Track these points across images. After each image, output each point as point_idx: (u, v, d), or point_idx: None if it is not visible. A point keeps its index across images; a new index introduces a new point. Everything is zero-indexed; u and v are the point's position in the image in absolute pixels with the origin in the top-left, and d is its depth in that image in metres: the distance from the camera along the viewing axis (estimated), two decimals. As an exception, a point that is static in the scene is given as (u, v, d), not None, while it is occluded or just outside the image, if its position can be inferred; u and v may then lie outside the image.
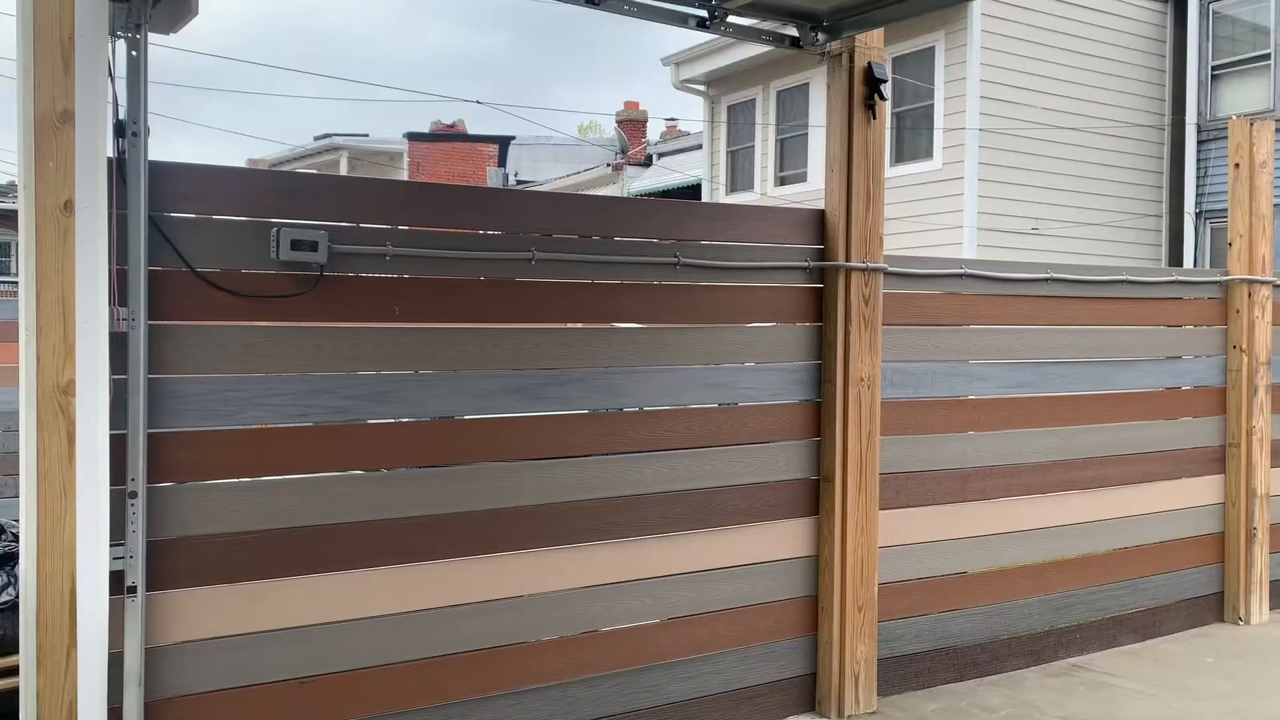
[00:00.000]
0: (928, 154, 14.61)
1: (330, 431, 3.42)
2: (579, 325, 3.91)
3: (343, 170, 29.48)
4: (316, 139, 31.17)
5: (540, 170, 30.30)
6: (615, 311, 3.97)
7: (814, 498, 4.34)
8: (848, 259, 4.31)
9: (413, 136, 30.67)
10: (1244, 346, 5.71)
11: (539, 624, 3.75)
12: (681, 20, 4.09)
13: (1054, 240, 14.65)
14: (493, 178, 28.76)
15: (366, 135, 31.23)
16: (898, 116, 15.05)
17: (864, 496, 4.32)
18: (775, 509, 4.26)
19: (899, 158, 15.10)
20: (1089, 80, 15.10)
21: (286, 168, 29.07)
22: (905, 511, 4.60)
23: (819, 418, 4.35)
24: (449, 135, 30.68)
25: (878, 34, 4.36)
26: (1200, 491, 5.66)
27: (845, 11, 4.17)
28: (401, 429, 3.56)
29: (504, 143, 31.04)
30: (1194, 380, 5.71)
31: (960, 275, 4.82)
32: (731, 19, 4.15)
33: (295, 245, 3.25)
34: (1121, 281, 5.40)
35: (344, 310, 3.43)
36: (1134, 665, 5.02)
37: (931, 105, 14.52)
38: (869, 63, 4.32)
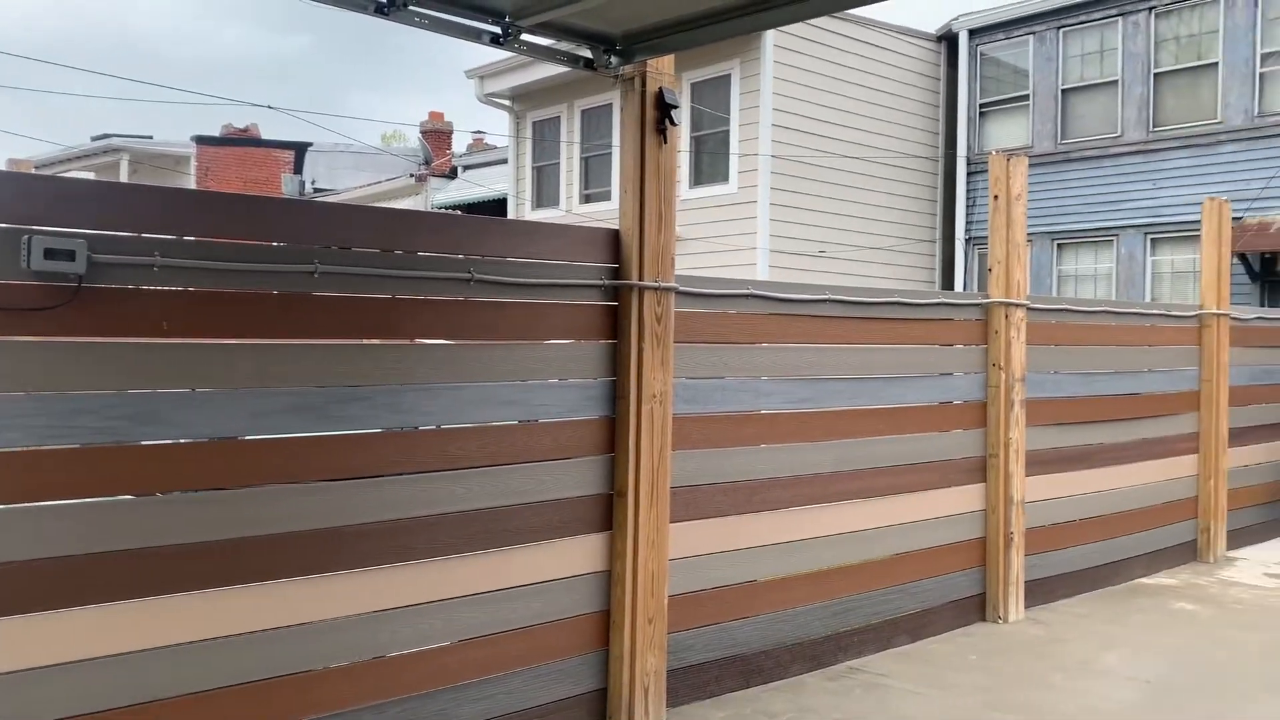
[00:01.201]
0: (724, 177, 15.12)
1: (96, 454, 3.19)
2: (370, 341, 3.81)
3: (123, 174, 27.61)
4: (94, 139, 29.08)
5: (340, 179, 29.38)
6: (409, 327, 3.90)
7: (608, 513, 4.39)
8: (641, 278, 4.40)
9: (201, 140, 29.10)
10: (1002, 364, 6.19)
11: (324, 651, 3.62)
12: (475, 36, 4.07)
13: (840, 263, 15.47)
14: (288, 185, 27.65)
15: (150, 137, 29.41)
16: (698, 140, 15.52)
17: (656, 510, 4.40)
18: (570, 525, 4.28)
19: (698, 180, 15.56)
20: (872, 113, 16.06)
21: (57, 170, 26.92)
22: (695, 524, 4.72)
23: (613, 433, 4.41)
24: (240, 140, 29.29)
25: (669, 60, 4.48)
26: (965, 499, 6.09)
27: (637, 37, 4.26)
28: (177, 450, 3.36)
29: (300, 149, 29.91)
30: (960, 395, 6.14)
31: (747, 295, 5.01)
32: (526, 37, 4.16)
33: (49, 254, 3.02)
34: (893, 303, 5.75)
35: (107, 324, 3.21)
36: (906, 665, 5.34)
37: (728, 130, 15.05)
38: (660, 88, 4.42)
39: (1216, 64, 13.65)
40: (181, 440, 3.36)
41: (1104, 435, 7.11)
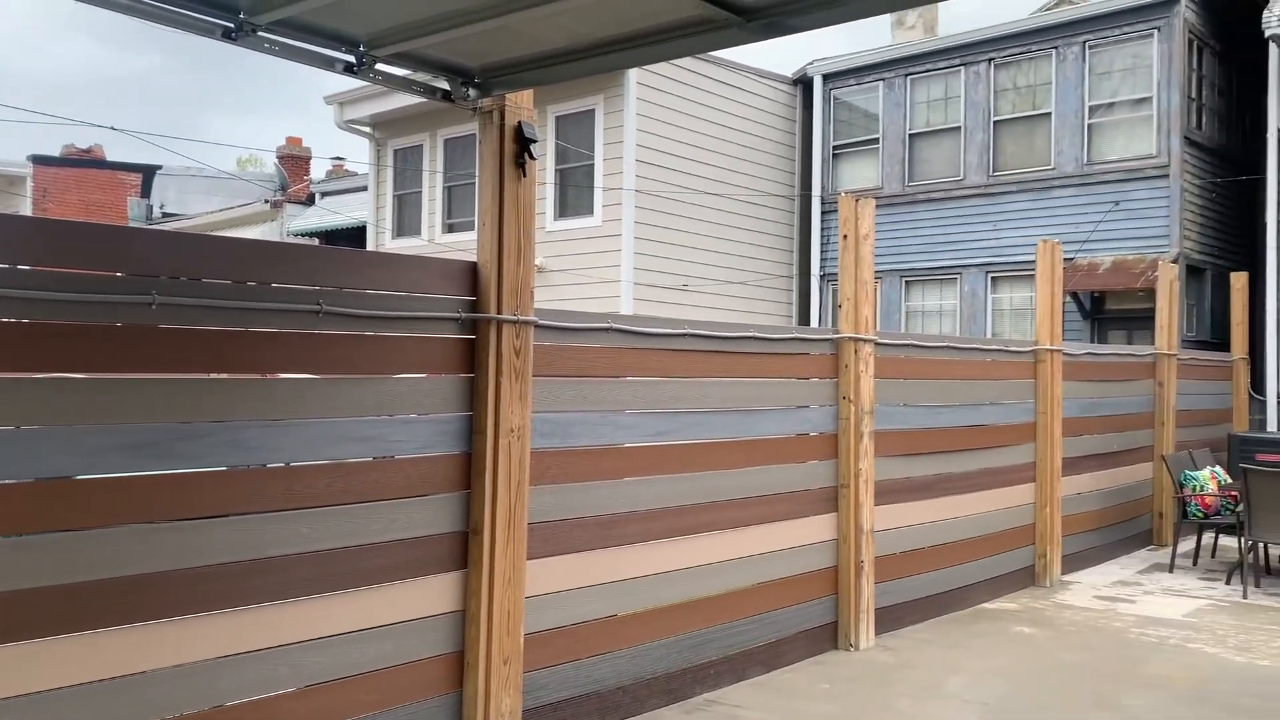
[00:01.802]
0: (589, 210, 15.21)
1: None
2: (215, 375, 3.66)
3: (-53, 192, 25.86)
4: (-86, 155, 27.20)
5: (191, 203, 28.28)
6: (256, 361, 3.76)
7: (463, 551, 4.32)
8: (499, 311, 4.37)
9: (39, 160, 27.57)
10: (852, 397, 6.40)
11: (158, 702, 3.42)
12: (328, 64, 3.99)
13: (703, 296, 15.74)
14: (134, 209, 26.44)
15: (-20, 155, 27.68)
16: (563, 173, 15.58)
17: (512, 547, 4.35)
18: (423, 564, 4.18)
19: (563, 212, 15.61)
20: (733, 151, 16.47)
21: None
22: (554, 560, 4.69)
23: (469, 469, 4.35)
24: (82, 161, 27.86)
25: (528, 94, 4.49)
26: (818, 529, 6.24)
27: (496, 70, 4.26)
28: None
29: (149, 172, 28.68)
30: (813, 427, 6.31)
31: (607, 329, 5.03)
32: (381, 67, 4.10)
33: None
34: (750, 338, 5.88)
35: (-85, 357, 2.99)
36: (760, 695, 5.41)
37: (593, 164, 15.17)
38: (519, 121, 4.43)
39: (1050, 114, 14.55)
40: (4, 481, 3.15)
41: (948, 465, 7.42)
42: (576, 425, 4.84)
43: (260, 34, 3.65)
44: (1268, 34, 12.17)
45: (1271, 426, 12.51)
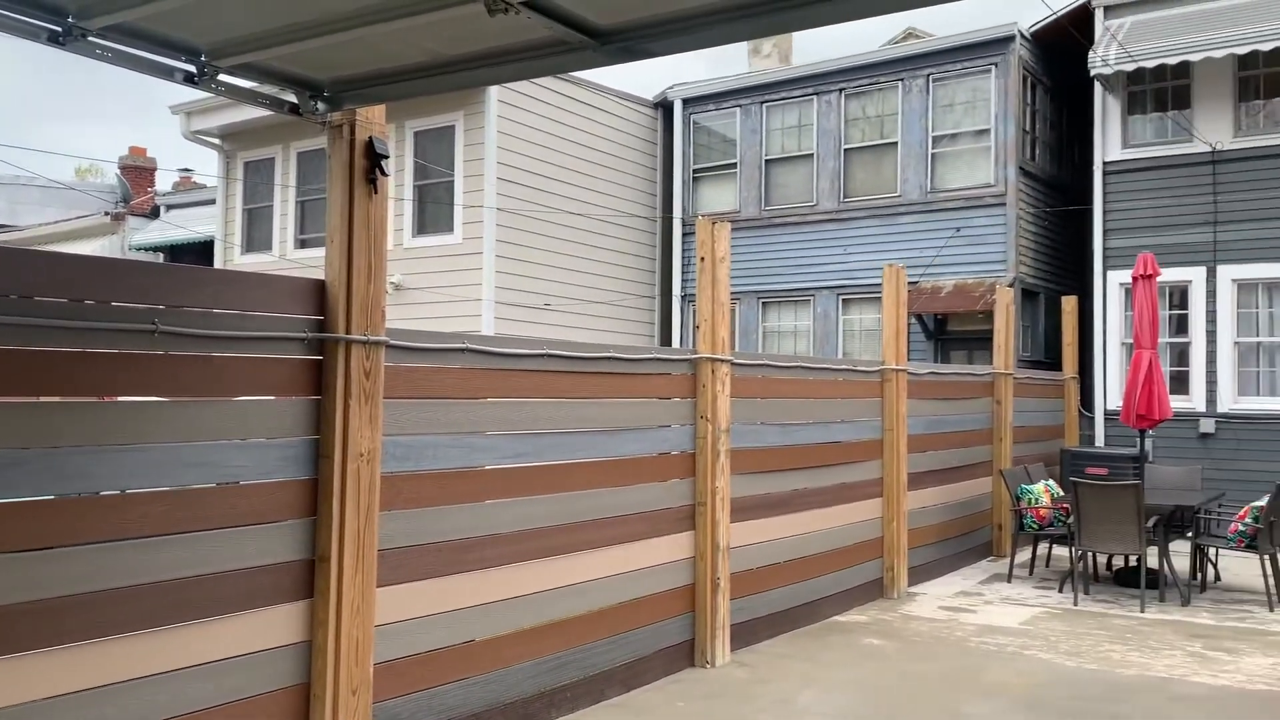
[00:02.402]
0: (449, 228, 15.02)
1: None
2: (32, 399, 3.43)
3: None
4: None
5: (23, 214, 26.60)
6: (90, 383, 3.54)
7: (310, 579, 4.17)
8: (348, 331, 4.25)
9: None
10: (709, 416, 6.49)
11: (-35, 753, 3.17)
12: (167, 73, 3.81)
13: (567, 316, 15.73)
14: (-44, 219, 24.70)
15: None
16: (422, 189, 15.35)
17: (361, 575, 4.23)
18: (267, 594, 4.01)
19: (422, 229, 15.37)
20: (596, 172, 16.55)
21: None
22: (406, 587, 4.58)
23: (316, 495, 4.20)
24: (-103, 166, 25.86)
25: (381, 109, 4.40)
26: (676, 547, 6.29)
27: (347, 84, 4.16)
28: None
29: (-27, 180, 26.83)
30: (672, 446, 6.37)
31: (463, 350, 4.96)
32: (224, 78, 3.95)
33: None
34: (610, 358, 5.90)
35: None
36: (618, 717, 5.40)
37: (453, 180, 14.99)
38: (370, 137, 4.34)
39: (897, 143, 15.17)
40: None
41: (801, 481, 7.60)
42: (430, 448, 4.74)
43: (91, 39, 3.47)
44: (1094, 73, 13.02)
45: (1100, 442, 13.32)
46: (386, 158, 4.37)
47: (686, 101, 17.19)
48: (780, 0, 3.12)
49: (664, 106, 17.67)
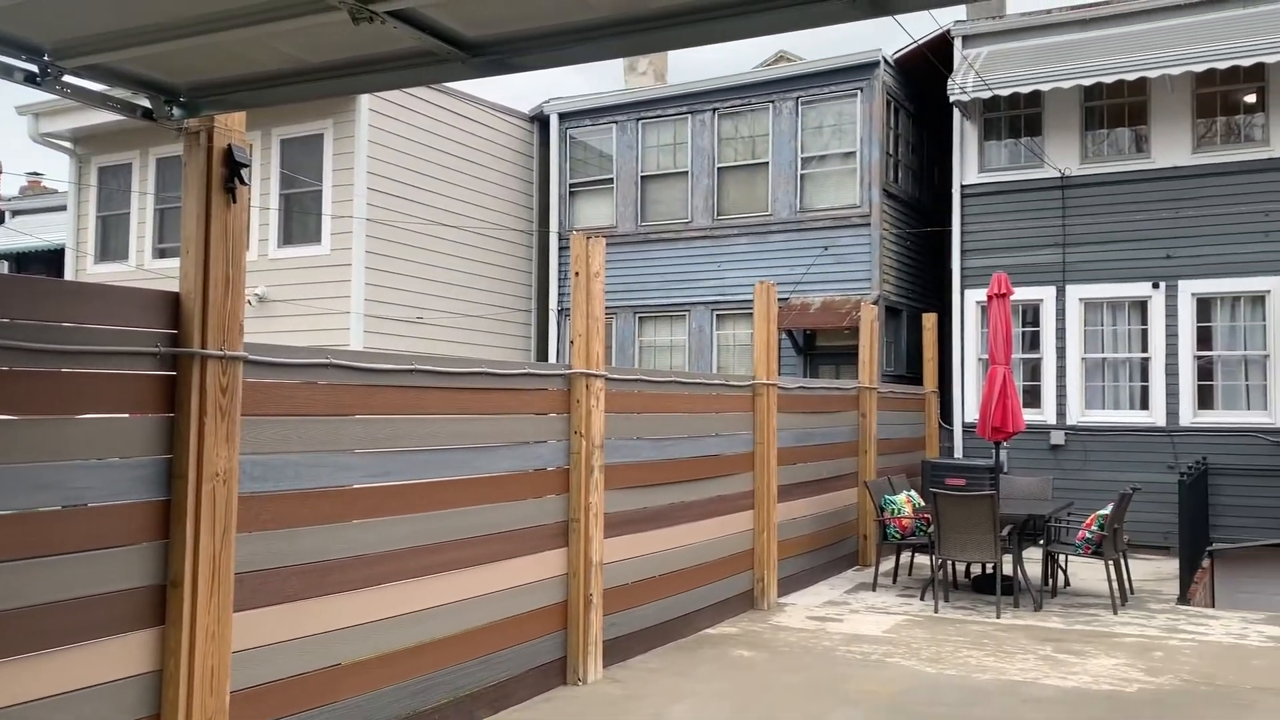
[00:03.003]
0: (317, 238, 14.63)
1: None
2: None
3: None
4: None
5: None
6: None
7: (161, 606, 3.97)
8: (204, 346, 4.08)
9: None
10: (583, 431, 6.48)
11: None
12: (5, 72, 3.60)
13: (439, 330, 15.49)
14: None
15: None
16: (288, 198, 14.92)
17: (217, 600, 4.05)
18: (114, 623, 3.80)
19: (288, 239, 14.94)
20: (471, 184, 16.39)
21: None
22: (265, 611, 4.41)
23: (169, 517, 4.01)
24: None
25: (240, 116, 4.25)
26: (548, 565, 6.25)
27: (204, 89, 4.00)
28: None
29: None
30: (545, 463, 6.32)
31: (326, 365, 4.82)
32: (70, 79, 3.75)
33: None
34: (481, 373, 5.82)
35: None
36: (490, 737, 5.32)
37: (322, 190, 14.62)
38: (229, 144, 4.18)
39: (768, 163, 15.52)
40: None
41: (675, 496, 7.66)
42: (292, 467, 4.59)
43: (-85, 32, 3.24)
44: (952, 99, 13.60)
45: (958, 453, 13.85)
46: (246, 166, 4.22)
47: (563, 116, 17.21)
48: (649, 20, 3.15)
49: (540, 120, 17.65)
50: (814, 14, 2.97)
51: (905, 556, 11.06)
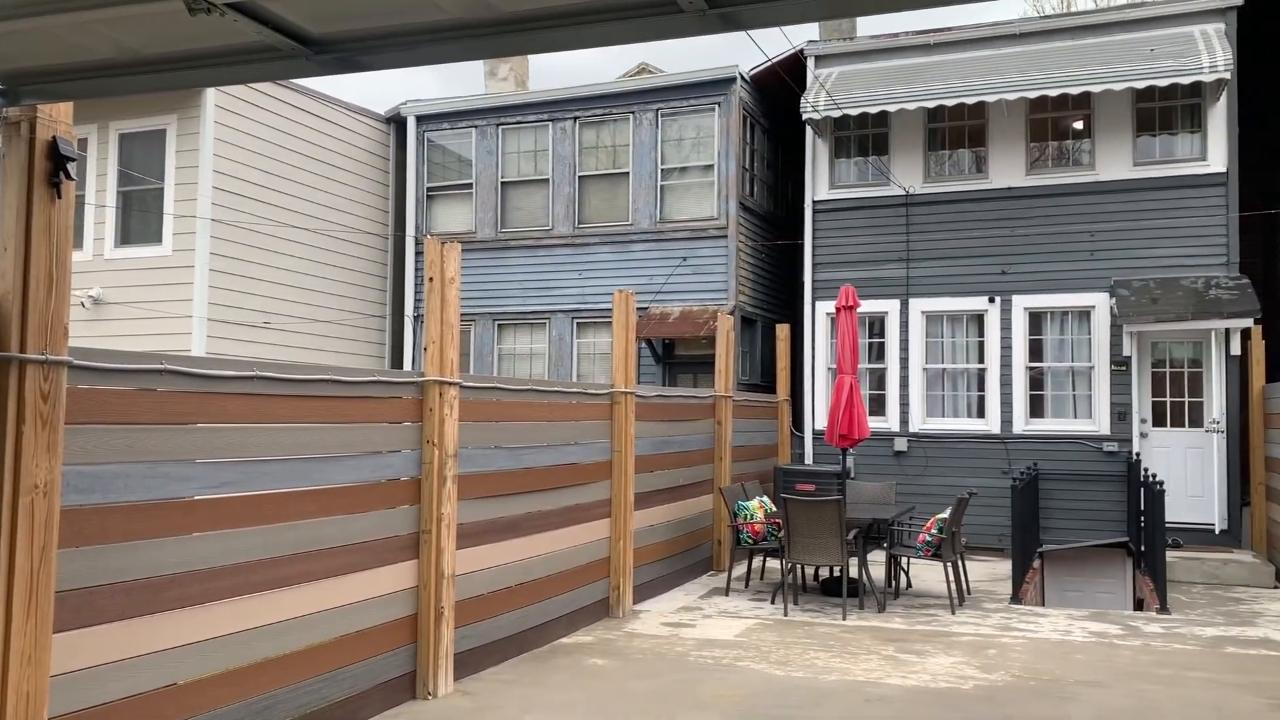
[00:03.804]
0: (158, 238, 13.96)
1: None
2: None
3: None
4: None
5: None
6: None
7: (-30, 628, 3.69)
8: (24, 350, 3.82)
9: None
10: (436, 441, 6.36)
11: None
12: None
13: (290, 335, 14.99)
14: None
15: None
16: (127, 195, 14.18)
17: (34, 622, 3.79)
18: (-87, 648, 3.52)
19: (126, 239, 14.20)
20: (324, 185, 15.94)
21: None
22: (90, 631, 4.16)
23: (-20, 533, 3.74)
24: None
25: (67, 107, 4.01)
26: (398, 577, 6.11)
27: (26, 77, 3.76)
28: None
29: None
30: (396, 473, 6.18)
31: (160, 371, 4.59)
32: None
33: None
34: (329, 380, 5.65)
35: None
36: (334, 755, 5.16)
37: (163, 188, 13.96)
38: (54, 136, 3.93)
39: (629, 173, 15.65)
40: None
41: (531, 505, 7.61)
42: (121, 478, 4.35)
43: None
44: (805, 117, 14.01)
45: (809, 460, 14.25)
46: (73, 160, 3.98)
47: (421, 119, 16.93)
48: (500, 24, 3.13)
49: (397, 122, 17.33)
50: (662, 26, 3.00)
51: (758, 561, 11.29)
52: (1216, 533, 12.28)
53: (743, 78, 15.10)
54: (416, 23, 3.13)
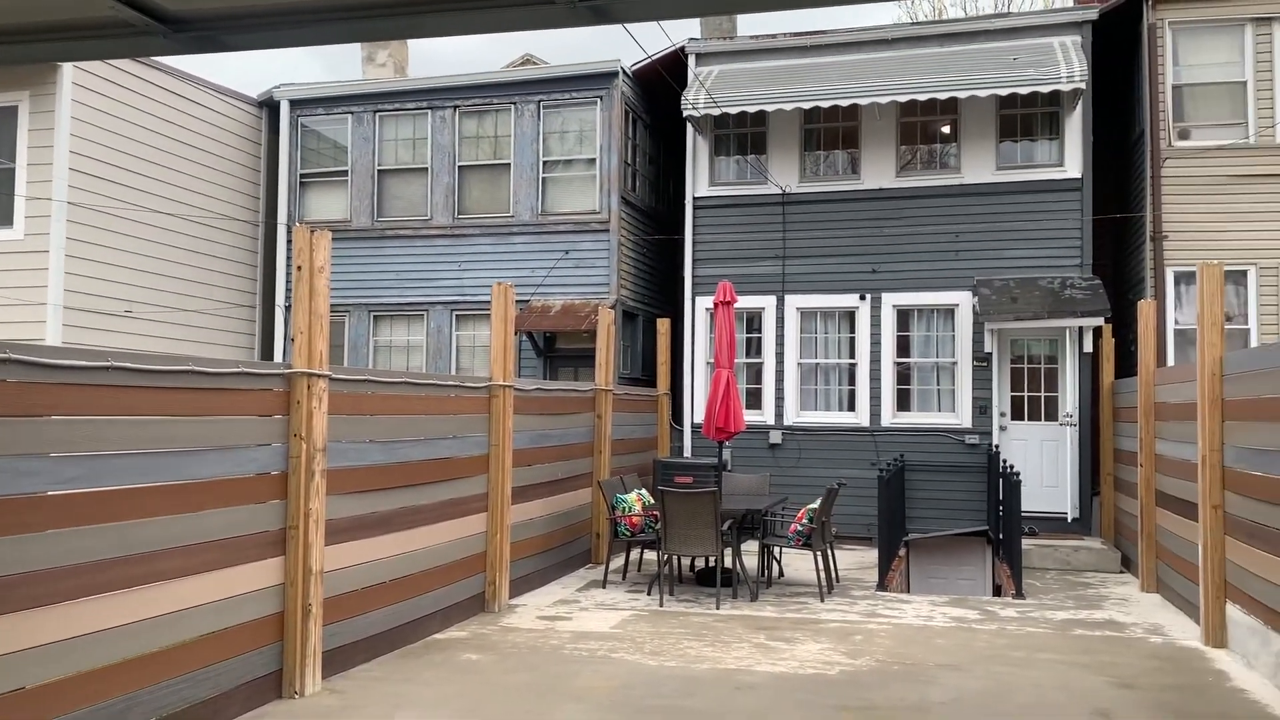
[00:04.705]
0: (8, 220, 13.20)
1: None
2: None
3: None
4: None
5: None
6: None
7: None
8: None
9: None
10: (304, 434, 6.21)
11: None
12: None
13: (153, 325, 14.38)
14: None
15: None
16: (-28, 174, 13.36)
17: None
18: None
19: (-28, 220, 13.39)
20: (191, 170, 15.34)
21: None
22: (-78, 635, 3.92)
23: None
24: None
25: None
26: (263, 575, 5.94)
27: None
28: None
29: None
30: (261, 467, 6.00)
31: (6, 360, 4.35)
32: None
33: None
34: (191, 372, 5.45)
35: None
36: (193, 759, 4.99)
37: (14, 168, 13.20)
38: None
39: (510, 165, 15.54)
40: None
41: (405, 500, 7.50)
42: (-41, 472, 4.10)
43: None
44: (685, 114, 14.16)
45: (688, 452, 14.43)
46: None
47: (295, 103, 16.45)
48: (368, 8, 3.07)
49: (270, 106, 16.79)
50: (535, 16, 3.01)
51: (636, 553, 11.38)
52: (1069, 521, 12.94)
53: (625, 73, 15.16)
54: (279, 3, 3.05)
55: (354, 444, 6.87)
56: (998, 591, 10.74)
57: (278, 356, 16.07)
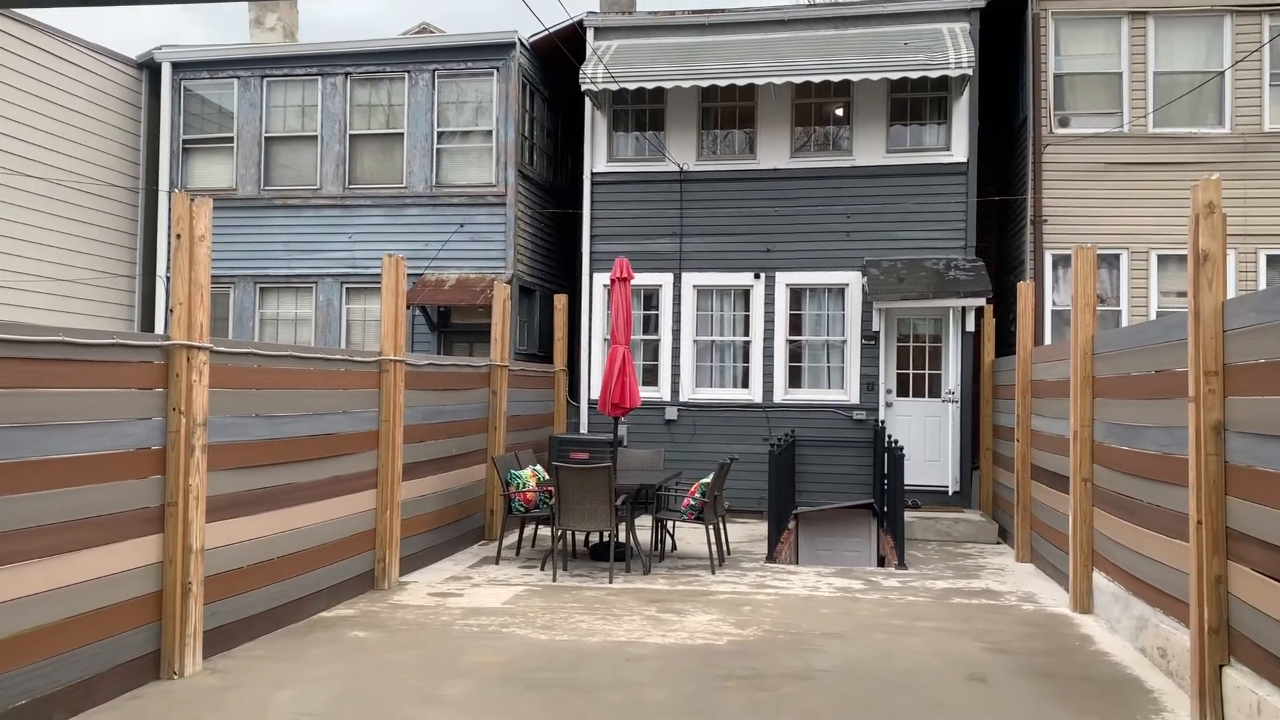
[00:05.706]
0: None
1: None
2: None
3: None
4: None
5: None
6: None
7: None
8: None
9: None
10: (183, 408, 6.00)
11: None
12: None
13: (24, 295, 13.71)
14: None
15: None
16: None
17: None
18: None
19: None
20: (64, 133, 14.63)
21: None
22: None
23: None
24: None
25: None
26: (139, 553, 5.74)
27: None
28: None
29: None
30: (137, 442, 5.78)
31: None
32: None
33: None
34: (60, 343, 5.22)
35: None
36: (63, 744, 4.81)
37: None
38: None
39: (403, 135, 15.22)
40: None
41: (290, 476, 7.33)
42: None
43: None
44: (583, 89, 14.08)
45: (584, 429, 14.46)
46: None
47: (177, 65, 15.80)
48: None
49: (151, 68, 16.11)
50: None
51: (530, 529, 11.37)
52: (950, 494, 13.41)
53: (523, 44, 14.99)
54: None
55: (237, 418, 6.68)
56: (882, 562, 11.08)
57: (158, 328, 15.50)
